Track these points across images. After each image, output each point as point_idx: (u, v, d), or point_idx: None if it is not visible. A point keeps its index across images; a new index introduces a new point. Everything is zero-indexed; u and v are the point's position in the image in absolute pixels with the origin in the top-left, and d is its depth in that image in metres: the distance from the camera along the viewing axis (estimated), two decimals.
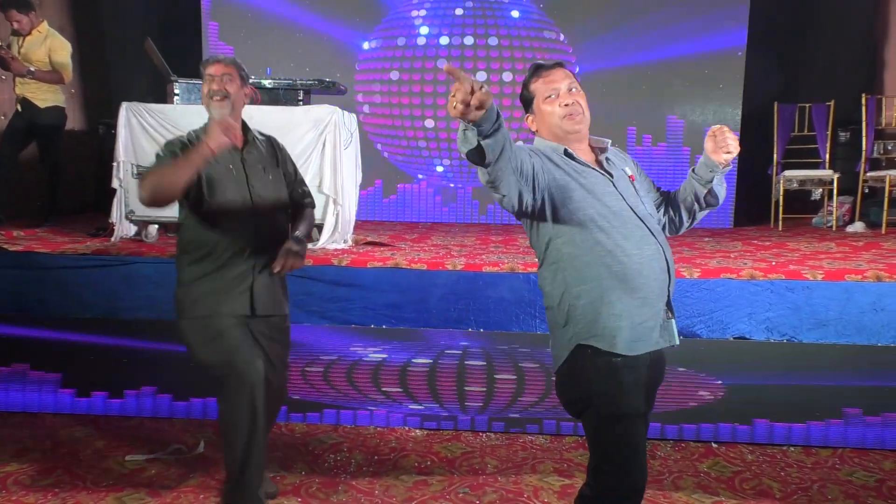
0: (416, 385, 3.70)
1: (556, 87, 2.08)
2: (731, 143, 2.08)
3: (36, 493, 2.99)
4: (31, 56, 5.02)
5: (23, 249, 4.03)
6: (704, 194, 2.19)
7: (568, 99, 2.07)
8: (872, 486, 3.18)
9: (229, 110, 2.61)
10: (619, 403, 2.03)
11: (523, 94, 2.16)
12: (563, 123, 2.07)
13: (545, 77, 2.10)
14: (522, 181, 1.90)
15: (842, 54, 6.93)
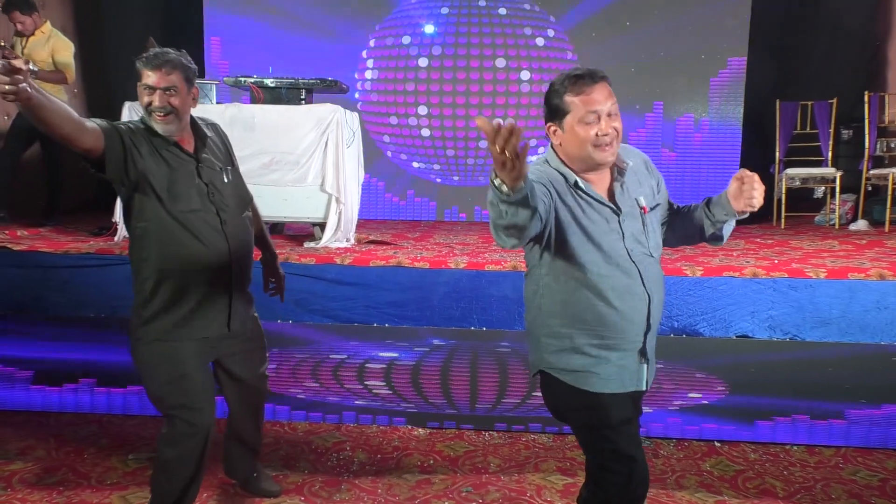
0: (418, 384, 3.70)
1: (597, 111, 1.88)
2: (757, 197, 1.93)
3: (41, 492, 3.00)
4: (34, 56, 5.02)
5: (27, 249, 4.04)
6: (710, 233, 2.08)
7: (607, 128, 1.89)
8: (876, 485, 3.18)
9: (176, 127, 2.38)
10: (602, 417, 2.00)
11: (554, 102, 1.92)
12: (595, 153, 1.90)
13: (587, 94, 1.87)
14: (540, 226, 1.81)
15: (844, 51, 6.91)
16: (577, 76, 1.89)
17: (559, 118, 1.92)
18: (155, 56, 2.34)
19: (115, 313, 3.82)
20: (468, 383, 3.68)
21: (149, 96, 2.33)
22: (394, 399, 3.73)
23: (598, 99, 1.88)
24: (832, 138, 6.25)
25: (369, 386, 3.73)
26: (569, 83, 1.89)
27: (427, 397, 3.71)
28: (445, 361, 3.67)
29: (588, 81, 1.88)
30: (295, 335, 3.69)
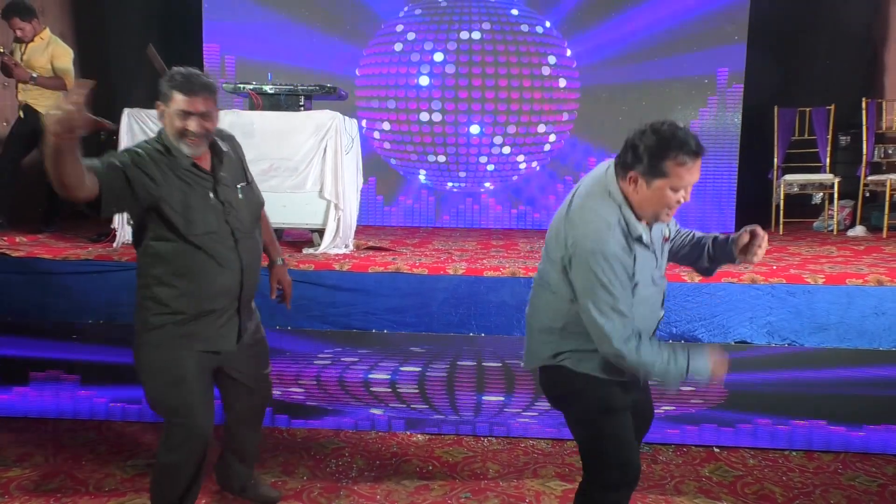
0: (417, 390, 3.70)
1: (687, 186, 1.99)
2: (759, 257, 2.19)
3: (38, 498, 2.99)
4: (33, 62, 5.04)
5: (25, 255, 4.04)
6: (705, 266, 2.31)
7: (685, 200, 2.02)
8: (875, 490, 3.18)
9: (204, 147, 2.39)
10: (605, 399, 2.16)
11: (653, 157, 1.95)
12: (662, 215, 2.05)
13: (688, 170, 1.96)
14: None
15: (842, 58, 6.94)
16: (688, 149, 1.94)
17: (651, 175, 1.98)
18: (190, 81, 2.29)
19: (114, 319, 3.82)
20: (468, 389, 3.67)
21: (182, 121, 2.29)
22: (393, 405, 3.73)
23: (694, 173, 1.98)
24: (830, 144, 6.27)
25: (368, 392, 3.73)
26: (681, 154, 1.94)
27: (428, 403, 3.71)
28: (445, 368, 3.67)
29: (693, 158, 1.96)
30: (294, 341, 3.69)
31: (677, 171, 1.95)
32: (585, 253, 2.01)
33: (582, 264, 2.02)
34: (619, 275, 1.99)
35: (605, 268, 1.98)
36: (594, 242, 2.00)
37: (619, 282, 1.99)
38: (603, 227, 2.01)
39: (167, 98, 2.31)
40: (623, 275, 2.00)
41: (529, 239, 5.76)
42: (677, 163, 1.94)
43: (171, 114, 2.31)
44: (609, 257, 1.98)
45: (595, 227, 2.02)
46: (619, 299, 1.99)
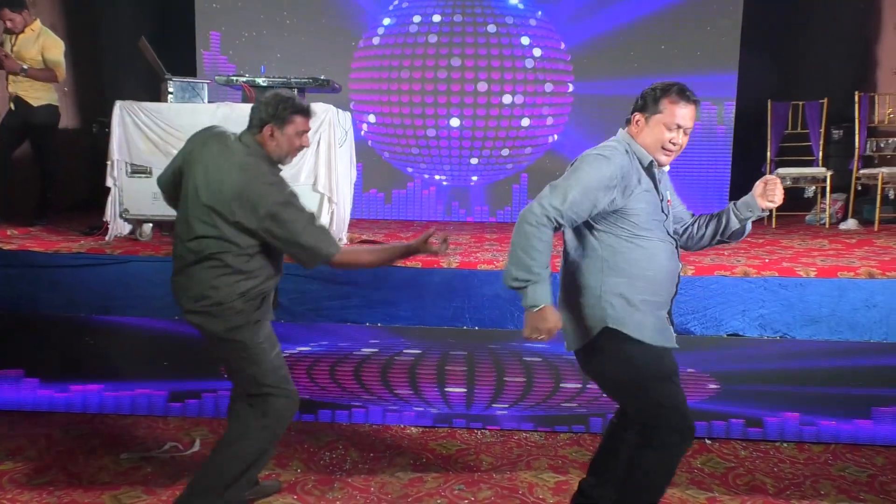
0: (411, 383, 3.71)
1: (681, 124, 2.28)
2: (778, 196, 2.41)
3: (31, 492, 2.99)
4: (23, 54, 5.00)
5: (17, 248, 4.02)
6: (735, 228, 2.48)
7: (679, 140, 2.31)
8: (865, 481, 3.20)
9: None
10: (658, 366, 2.35)
11: (650, 98, 2.30)
12: (658, 154, 2.32)
13: (681, 107, 2.28)
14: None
15: (835, 52, 6.95)
16: (682, 91, 2.29)
17: (649, 112, 2.31)
18: (308, 107, 2.66)
19: (108, 313, 3.81)
20: (462, 382, 3.68)
21: (300, 140, 2.63)
22: (386, 398, 3.74)
23: (685, 115, 2.29)
24: (823, 138, 6.29)
25: (362, 385, 3.74)
26: (673, 92, 2.28)
27: (421, 396, 3.72)
28: (439, 361, 3.68)
29: (686, 99, 2.29)
30: (287, 335, 3.69)
31: (671, 109, 2.28)
32: (589, 154, 2.30)
33: (580, 160, 2.30)
34: (599, 178, 2.22)
35: (596, 164, 2.25)
36: (601, 150, 2.30)
37: (595, 182, 2.22)
38: (613, 147, 2.31)
39: (284, 120, 2.58)
40: (603, 181, 2.22)
41: None
42: (671, 101, 2.28)
43: (293, 133, 2.61)
44: (605, 161, 2.24)
45: (606, 146, 2.32)
46: (581, 186, 2.21)
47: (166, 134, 4.33)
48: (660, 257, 2.35)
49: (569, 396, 3.64)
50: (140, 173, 4.37)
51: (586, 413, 3.65)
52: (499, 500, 2.98)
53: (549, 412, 3.66)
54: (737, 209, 2.47)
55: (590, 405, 3.64)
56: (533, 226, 2.20)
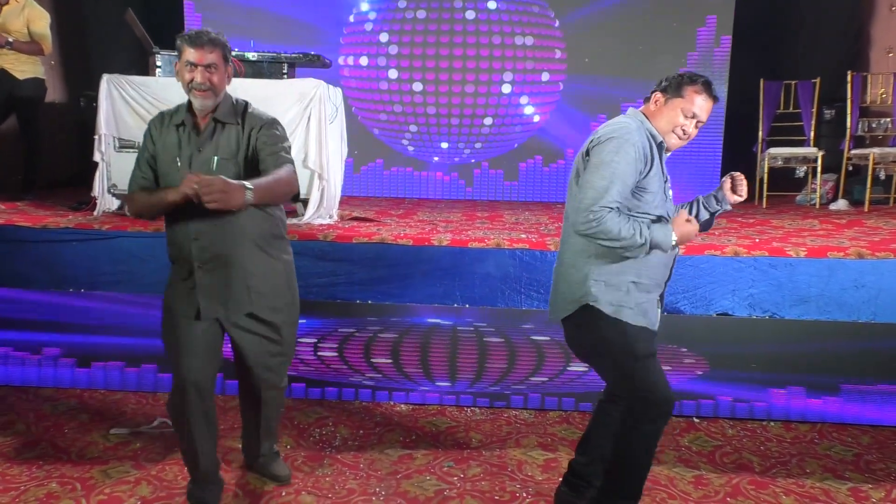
0: (401, 360, 3.71)
1: (698, 117, 2.34)
2: (745, 191, 2.51)
3: (20, 466, 2.98)
4: (8, 26, 4.91)
5: (4, 223, 3.98)
6: (704, 220, 2.54)
7: (692, 131, 2.37)
8: (850, 460, 3.24)
9: (213, 101, 2.44)
10: (632, 348, 2.36)
11: (675, 82, 2.35)
12: (669, 139, 2.37)
13: (702, 98, 2.33)
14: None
15: (828, 31, 6.92)
16: (708, 84, 2.35)
17: (672, 95, 2.36)
18: (198, 35, 2.42)
19: (96, 288, 3.79)
20: (452, 360, 3.69)
21: (190, 73, 2.40)
22: (377, 375, 3.74)
23: (704, 107, 2.35)
24: (815, 118, 6.28)
25: (351, 362, 3.74)
26: (699, 83, 2.34)
27: (412, 373, 3.72)
28: (428, 338, 3.68)
29: (708, 93, 2.35)
30: None
31: (692, 97, 2.33)
32: (606, 140, 2.29)
33: (600, 148, 2.30)
34: (629, 161, 2.24)
35: (622, 150, 2.25)
36: (618, 132, 2.29)
37: (627, 167, 2.24)
38: (627, 125, 2.32)
39: (179, 52, 2.43)
40: (632, 164, 2.25)
41: (515, 211, 5.76)
42: (695, 90, 2.33)
43: (181, 67, 2.43)
44: (628, 144, 2.25)
45: (620, 125, 2.33)
46: (620, 178, 2.23)
47: (154, 108, 4.26)
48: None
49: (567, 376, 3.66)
50: (128, 148, 4.32)
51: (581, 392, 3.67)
52: (488, 477, 3.00)
53: (540, 390, 3.68)
54: (705, 202, 2.56)
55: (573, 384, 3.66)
56: (599, 227, 2.22)
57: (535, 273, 3.66)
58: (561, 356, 3.64)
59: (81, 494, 2.78)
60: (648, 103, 2.43)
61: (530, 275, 3.67)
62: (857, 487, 2.98)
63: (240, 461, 3.04)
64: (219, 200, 2.17)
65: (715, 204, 2.54)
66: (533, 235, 4.10)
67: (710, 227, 2.64)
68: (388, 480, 2.95)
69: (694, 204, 2.57)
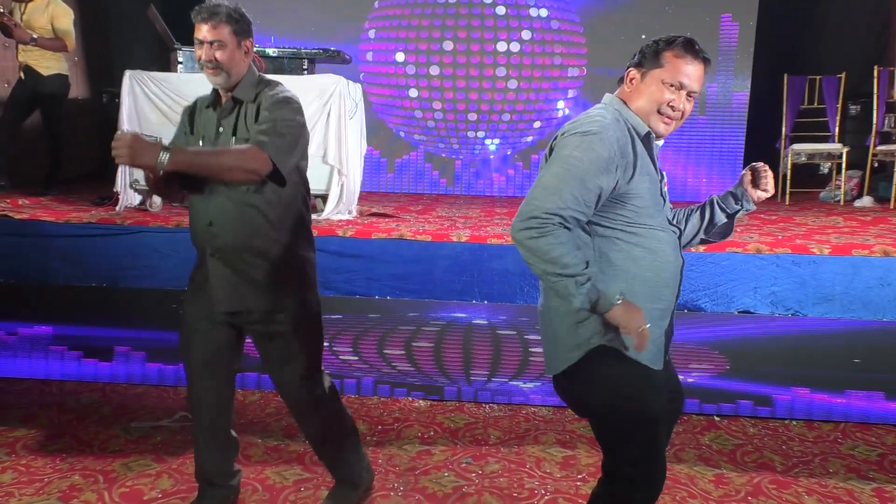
0: (419, 356, 3.71)
1: (684, 83, 1.84)
2: (771, 185, 2.07)
3: (44, 458, 3.02)
4: (33, 23, 4.97)
5: (28, 217, 4.03)
6: (721, 224, 2.12)
7: (680, 104, 1.85)
8: (874, 460, 3.19)
9: (224, 80, 2.29)
10: (648, 404, 1.89)
11: (650, 50, 1.87)
12: (655, 120, 1.87)
13: (684, 61, 1.84)
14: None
15: (853, 26, 6.82)
16: (689, 43, 1.86)
17: (647, 67, 1.87)
18: (204, 9, 2.26)
19: (118, 283, 3.83)
20: (471, 356, 3.68)
21: (198, 50, 2.28)
22: (394, 370, 3.75)
23: (691, 74, 1.85)
24: (839, 113, 6.19)
25: (371, 357, 3.74)
26: (677, 45, 1.85)
27: (430, 369, 3.72)
28: (448, 335, 3.68)
29: (693, 54, 1.85)
30: None
31: (674, 63, 1.84)
32: (572, 134, 1.81)
33: (563, 142, 1.81)
34: (594, 161, 1.74)
35: (589, 146, 1.75)
36: (587, 125, 1.81)
37: (591, 167, 1.74)
38: (599, 119, 1.82)
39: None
40: (600, 166, 1.74)
41: None
42: (675, 54, 1.84)
43: (195, 45, 2.31)
44: (597, 139, 1.76)
45: (591, 118, 1.84)
46: (578, 178, 1.73)
47: (176, 104, 4.31)
48: (663, 252, 1.88)
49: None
50: None
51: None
52: (506, 474, 3.00)
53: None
54: (722, 202, 2.10)
55: None
56: (535, 237, 1.71)
57: None
58: None
59: (104, 487, 2.81)
60: (623, 84, 1.93)
61: None
62: (881, 488, 2.94)
63: (259, 455, 3.06)
64: (123, 155, 2.02)
65: (734, 203, 2.09)
66: None
67: (730, 234, 2.16)
68: (407, 476, 2.96)
69: (707, 206, 2.11)
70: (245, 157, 2.15)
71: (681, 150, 6.58)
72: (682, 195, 6.42)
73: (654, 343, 1.89)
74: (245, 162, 2.14)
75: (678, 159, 6.50)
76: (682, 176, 6.53)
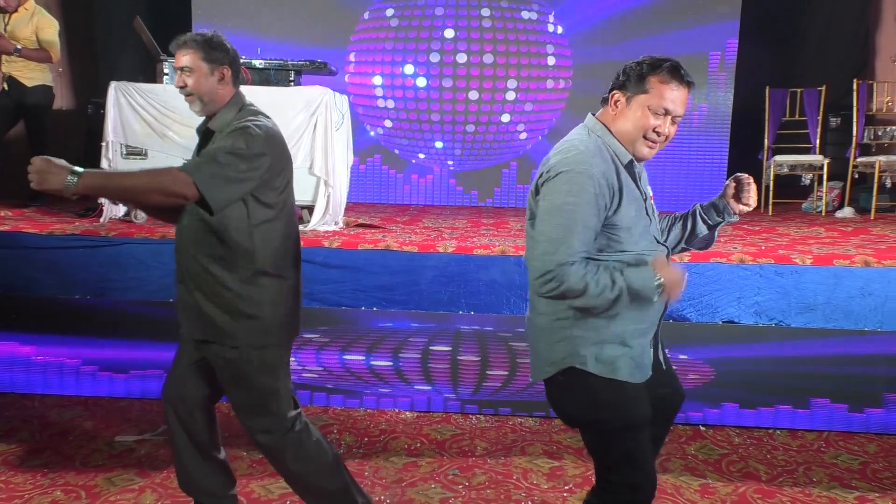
0: (406, 368, 3.71)
1: (670, 109, 1.86)
2: (753, 199, 2.08)
3: (24, 474, 2.98)
4: (17, 34, 4.95)
5: (10, 229, 3.99)
6: (703, 235, 2.14)
7: (666, 130, 1.88)
8: (857, 468, 3.22)
9: (199, 108, 2.25)
10: (629, 414, 1.93)
11: (635, 73, 1.88)
12: (639, 146, 1.90)
13: (669, 87, 1.85)
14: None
15: (834, 40, 6.93)
16: (675, 69, 1.87)
17: (632, 92, 1.88)
18: (177, 38, 2.27)
19: (103, 295, 3.80)
20: (458, 367, 3.68)
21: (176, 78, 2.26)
22: (381, 382, 3.74)
23: (676, 99, 1.87)
24: (821, 126, 6.27)
25: (357, 369, 3.73)
26: (664, 70, 1.86)
27: (417, 381, 3.72)
28: (435, 346, 3.68)
29: (678, 80, 1.87)
30: None
31: (659, 89, 1.84)
32: (556, 175, 1.84)
33: (551, 187, 1.85)
34: (588, 202, 1.80)
35: (578, 188, 1.80)
36: (571, 162, 1.83)
37: (588, 208, 1.80)
38: (584, 151, 1.86)
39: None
40: (593, 204, 1.80)
41: (520, 217, 5.75)
42: (660, 80, 1.85)
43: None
44: (584, 177, 1.80)
45: (576, 153, 1.86)
46: (580, 224, 1.80)
47: (162, 115, 4.30)
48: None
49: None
50: (135, 155, 4.34)
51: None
52: (493, 486, 2.99)
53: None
54: (704, 213, 2.11)
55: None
56: (557, 287, 1.79)
57: None
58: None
59: (86, 503, 2.78)
60: (607, 106, 1.94)
61: None
62: (863, 496, 2.96)
63: (244, 469, 3.04)
64: (34, 180, 1.89)
65: (716, 215, 2.11)
66: None
67: (712, 243, 2.20)
68: (393, 488, 2.95)
69: (689, 217, 2.14)
70: (163, 179, 2.01)
71: (665, 161, 6.63)
72: (666, 206, 6.43)
73: (634, 359, 1.93)
74: (162, 185, 2.00)
75: (663, 171, 6.55)
76: (666, 187, 6.57)
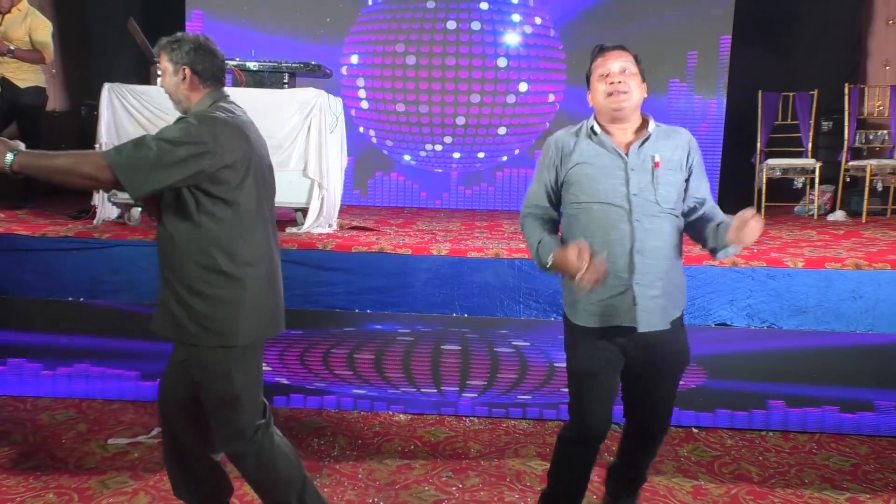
0: (400, 370, 3.71)
1: (609, 67, 2.27)
2: (749, 238, 2.16)
3: (17, 477, 2.97)
4: (10, 35, 4.94)
5: (3, 231, 3.98)
6: (711, 247, 2.36)
7: (615, 78, 2.25)
8: (848, 470, 3.24)
9: (175, 106, 2.34)
10: (573, 362, 2.39)
11: (587, 73, 2.37)
12: (608, 102, 2.26)
13: (603, 57, 2.30)
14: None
15: (826, 44, 6.96)
16: (601, 47, 2.34)
17: (590, 81, 2.35)
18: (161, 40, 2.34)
19: (96, 297, 3.79)
20: (452, 370, 3.69)
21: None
22: (376, 384, 3.74)
23: (611, 59, 2.28)
24: (813, 129, 6.30)
25: (351, 372, 3.73)
26: (594, 54, 2.35)
27: (411, 383, 3.72)
28: (429, 348, 3.68)
29: (606, 49, 2.32)
30: None
31: (596, 65, 2.32)
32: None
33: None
34: (541, 164, 2.40)
35: (542, 155, 2.42)
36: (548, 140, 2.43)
37: (541, 169, 2.40)
38: (560, 131, 2.41)
39: None
40: (544, 166, 2.37)
41: (514, 220, 5.76)
42: (595, 64, 2.33)
43: None
44: (544, 147, 2.40)
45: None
46: (535, 181, 2.42)
47: (155, 117, 4.29)
48: (592, 225, 2.23)
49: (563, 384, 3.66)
50: None
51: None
52: (486, 487, 3.00)
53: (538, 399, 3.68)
54: (718, 233, 2.30)
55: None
56: (523, 232, 2.41)
57: (534, 283, 3.67)
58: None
59: None
60: (590, 101, 2.39)
61: (529, 284, 3.67)
62: (855, 497, 2.98)
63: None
64: None
65: (723, 240, 2.27)
66: None
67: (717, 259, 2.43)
68: (387, 491, 2.95)
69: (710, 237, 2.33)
70: (79, 161, 2.05)
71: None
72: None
73: (596, 304, 2.26)
74: (78, 166, 2.04)
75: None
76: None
